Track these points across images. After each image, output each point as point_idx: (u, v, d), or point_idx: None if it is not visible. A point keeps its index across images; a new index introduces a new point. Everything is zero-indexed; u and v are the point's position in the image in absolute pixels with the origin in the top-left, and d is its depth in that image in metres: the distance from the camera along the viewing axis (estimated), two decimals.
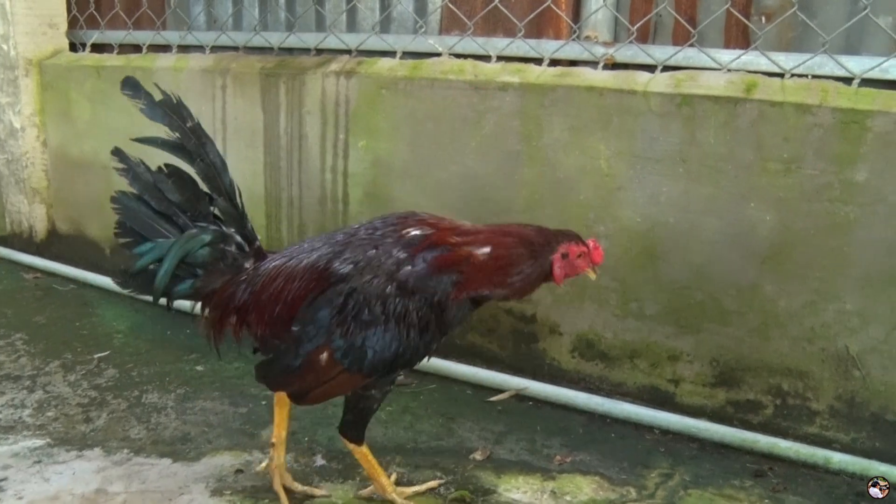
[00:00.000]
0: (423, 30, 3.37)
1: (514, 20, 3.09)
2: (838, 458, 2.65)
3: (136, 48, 4.25)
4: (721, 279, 2.78)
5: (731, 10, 2.79)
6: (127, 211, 2.30)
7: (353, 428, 2.30)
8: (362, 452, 2.32)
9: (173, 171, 2.28)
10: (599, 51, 3.01)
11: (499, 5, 3.11)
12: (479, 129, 3.09)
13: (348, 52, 3.54)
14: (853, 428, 2.71)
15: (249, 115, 3.67)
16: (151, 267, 2.27)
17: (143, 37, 4.17)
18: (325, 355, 2.12)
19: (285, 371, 2.19)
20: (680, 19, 2.89)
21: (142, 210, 2.28)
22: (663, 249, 2.84)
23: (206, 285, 2.30)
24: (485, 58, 3.22)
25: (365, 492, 2.43)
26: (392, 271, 2.10)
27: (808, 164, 2.60)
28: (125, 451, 2.64)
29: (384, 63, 3.37)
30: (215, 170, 2.29)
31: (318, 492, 2.44)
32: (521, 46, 3.13)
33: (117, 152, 2.32)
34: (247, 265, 2.31)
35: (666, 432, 2.84)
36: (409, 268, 2.10)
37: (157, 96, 2.28)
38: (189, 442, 2.71)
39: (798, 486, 2.57)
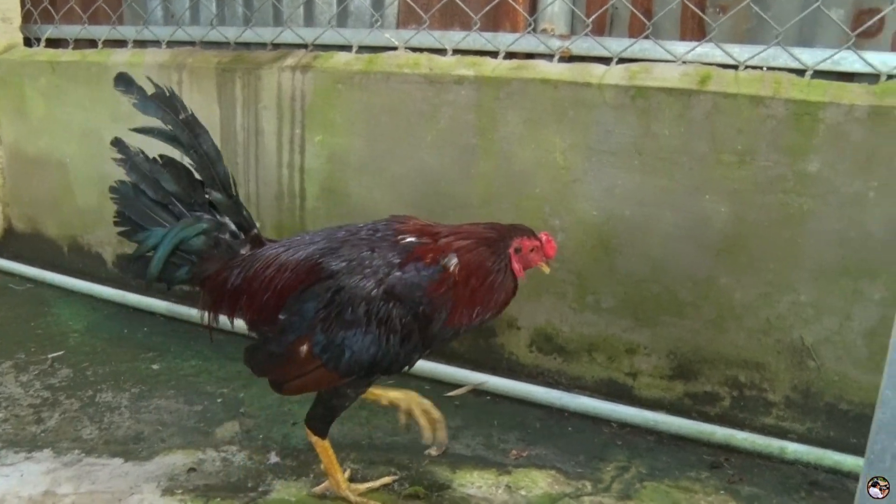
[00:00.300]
0: (378, 24, 3.34)
1: (470, 13, 3.07)
2: (793, 448, 2.66)
3: (92, 43, 4.18)
4: (677, 271, 2.78)
5: (687, 2, 2.80)
6: (125, 200, 2.36)
7: (321, 421, 2.30)
8: (324, 446, 2.32)
9: (168, 161, 2.34)
10: (555, 44, 3.00)
11: None
12: (434, 123, 3.07)
13: (305, 46, 3.51)
14: (808, 418, 2.72)
15: (206, 111, 3.62)
16: (149, 254, 2.33)
17: (99, 31, 4.11)
18: (304, 347, 2.14)
19: (268, 358, 2.23)
20: (635, 12, 2.88)
21: (139, 199, 2.35)
22: (619, 242, 2.83)
23: (203, 271, 2.35)
24: (441, 51, 3.20)
25: (318, 488, 2.41)
26: (382, 276, 2.10)
27: (761, 155, 2.60)
28: (76, 451, 2.60)
29: (340, 57, 3.34)
30: (209, 160, 2.33)
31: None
32: (476, 39, 3.11)
33: (117, 142, 2.37)
34: (243, 251, 2.35)
35: (623, 425, 2.84)
36: (399, 274, 2.10)
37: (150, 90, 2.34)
38: (142, 441, 2.67)
39: (753, 476, 2.58)
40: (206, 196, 2.35)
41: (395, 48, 3.29)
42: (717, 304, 2.75)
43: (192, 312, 3.71)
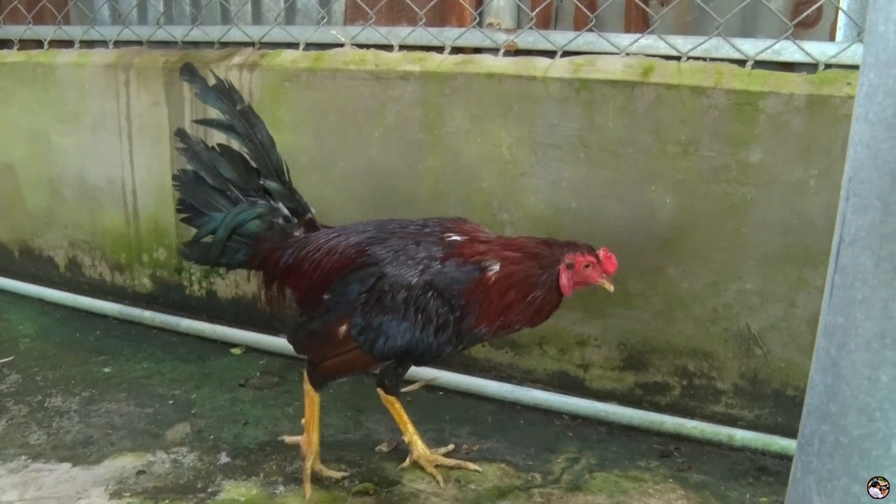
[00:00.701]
0: (325, 21, 3.32)
1: (416, 9, 3.06)
2: (741, 435, 2.69)
3: (38, 43, 4.12)
4: (625, 263, 2.76)
5: None
6: (186, 187, 2.49)
7: (387, 379, 2.43)
8: (389, 401, 2.47)
9: (225, 150, 2.47)
10: (501, 37, 3.00)
11: None
12: (382, 119, 3.06)
13: (252, 44, 3.48)
14: (757, 405, 2.75)
15: (154, 111, 3.59)
16: (207, 239, 2.47)
17: (45, 32, 4.05)
18: (343, 328, 2.24)
19: (309, 335, 2.35)
20: (579, 5, 2.89)
21: (199, 186, 2.47)
22: (567, 234, 2.82)
23: (258, 253, 2.46)
24: (388, 47, 3.19)
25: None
26: (423, 267, 2.18)
27: (704, 145, 2.62)
28: (23, 457, 2.57)
29: (287, 55, 3.32)
30: (263, 148, 2.46)
31: (471, 466, 2.51)
32: (423, 35, 3.10)
33: (180, 132, 2.49)
34: (296, 234, 2.46)
35: (575, 417, 2.86)
36: (439, 267, 2.17)
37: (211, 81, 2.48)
38: (91, 445, 2.65)
39: (703, 464, 2.60)
40: (261, 182, 2.46)
41: (341, 45, 3.27)
42: (665, 295, 2.77)
43: (144, 315, 3.68)
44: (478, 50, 3.08)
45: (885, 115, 1.26)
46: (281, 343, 3.38)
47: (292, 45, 3.41)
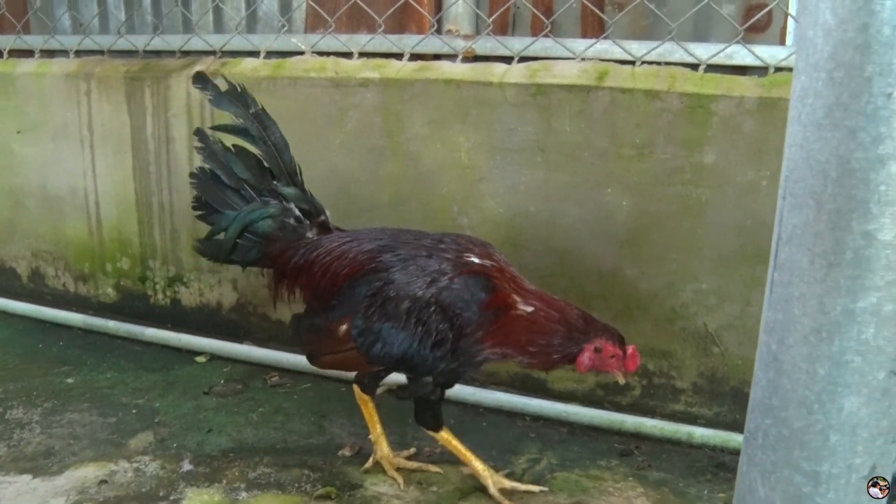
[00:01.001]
0: (285, 28, 3.34)
1: (375, 16, 3.08)
2: (700, 433, 2.73)
3: None
4: (583, 265, 2.83)
5: (585, 1, 2.85)
6: (202, 185, 2.56)
7: (427, 415, 2.42)
8: (445, 439, 2.42)
9: (241, 150, 2.53)
10: (460, 44, 3.03)
11: (359, 2, 3.10)
12: (342, 126, 3.08)
13: (213, 53, 3.49)
14: (715, 403, 2.79)
15: (116, 120, 3.59)
16: (220, 236, 2.53)
17: (3, 41, 4.03)
18: (344, 327, 2.28)
19: (310, 329, 2.40)
20: (536, 11, 2.93)
21: (215, 184, 2.54)
22: (526, 238, 2.88)
23: (270, 252, 2.50)
24: (348, 55, 3.21)
25: (466, 469, 2.47)
26: (432, 280, 2.19)
27: (659, 148, 2.66)
28: None
29: (248, 63, 3.34)
30: (276, 150, 2.52)
31: (431, 468, 2.54)
32: (382, 42, 3.13)
33: (199, 132, 2.57)
34: (309, 235, 2.50)
35: (537, 418, 2.89)
36: (448, 282, 2.18)
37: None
38: (52, 456, 2.63)
39: (662, 462, 2.64)
40: (274, 183, 2.52)
41: (302, 53, 3.29)
42: (624, 296, 2.81)
43: (108, 325, 3.67)
44: (437, 56, 3.11)
45: (816, 117, 1.30)
46: (245, 350, 3.39)
47: (253, 54, 3.43)
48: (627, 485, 2.50)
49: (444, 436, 2.41)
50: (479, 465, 2.41)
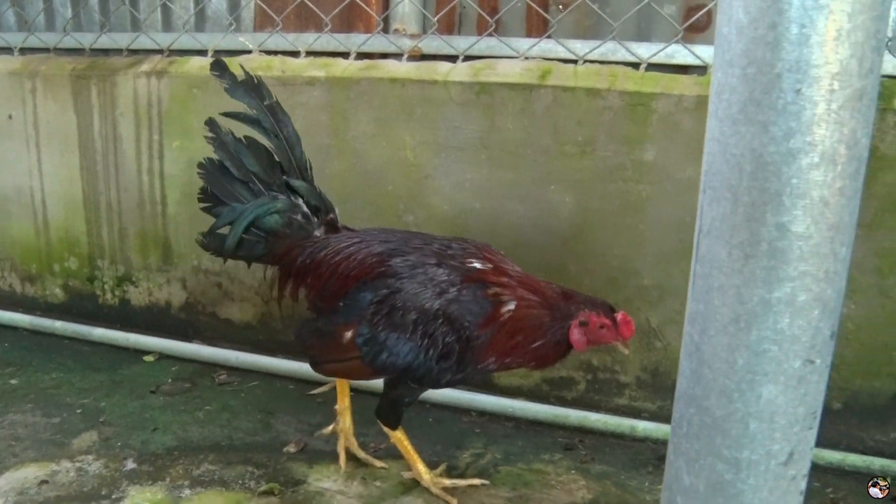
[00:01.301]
0: (233, 27, 3.34)
1: (321, 15, 3.09)
2: (643, 426, 2.77)
3: None
4: (528, 261, 2.83)
5: (530, 0, 2.88)
6: (210, 176, 2.49)
7: (389, 413, 2.39)
8: (398, 438, 2.41)
9: (252, 142, 2.46)
10: (406, 43, 3.05)
11: (307, 1, 3.11)
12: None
13: (161, 51, 3.48)
14: (658, 396, 2.84)
15: (62, 119, 3.56)
16: (225, 229, 2.47)
17: None
18: (349, 334, 2.23)
19: (314, 333, 2.35)
20: (481, 11, 2.96)
21: (223, 176, 2.47)
22: (471, 235, 2.87)
23: (276, 249, 2.45)
24: (296, 54, 3.22)
25: (407, 474, 2.49)
26: (440, 291, 2.15)
27: (601, 146, 2.70)
28: None
29: (195, 62, 3.33)
30: (288, 144, 2.47)
31: (377, 463, 2.56)
32: (329, 41, 3.14)
33: (210, 122, 2.48)
34: (316, 233, 2.45)
35: (483, 413, 2.91)
36: (456, 294, 2.15)
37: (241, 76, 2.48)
38: None
39: (605, 455, 2.68)
40: (284, 177, 2.46)
41: (250, 52, 3.29)
42: None
43: (56, 325, 3.64)
44: (385, 55, 3.13)
45: (731, 112, 1.34)
46: (194, 349, 3.38)
47: (202, 53, 3.42)
48: (570, 478, 2.53)
49: (399, 435, 2.41)
50: (422, 468, 2.42)
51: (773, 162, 1.30)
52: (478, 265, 2.21)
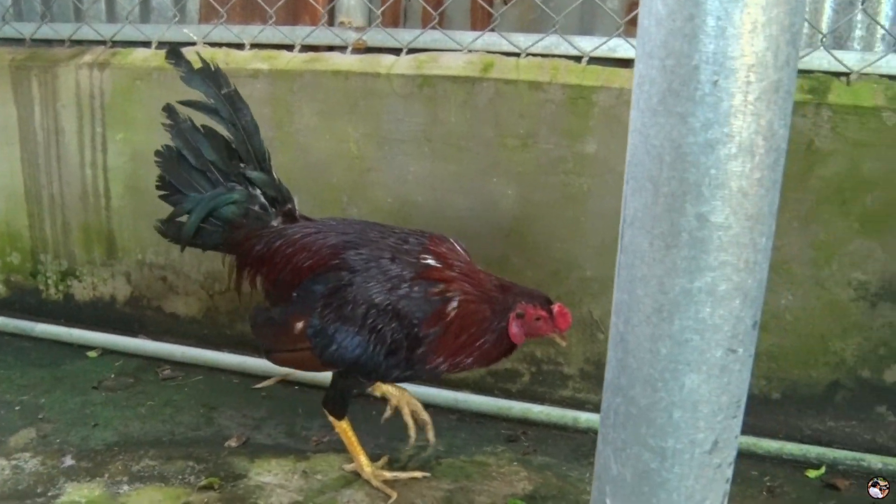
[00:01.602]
0: (177, 19, 3.30)
1: (266, 7, 3.07)
2: (585, 418, 2.79)
3: None
4: (472, 254, 2.85)
5: None
6: (167, 164, 2.46)
7: (335, 403, 2.38)
8: (342, 428, 2.40)
9: (210, 132, 2.44)
10: (351, 36, 3.04)
11: None
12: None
13: (104, 43, 3.43)
14: (601, 388, 2.84)
15: (2, 111, 3.50)
16: (183, 218, 2.45)
17: None
18: (300, 325, 2.22)
19: (267, 322, 2.34)
20: (424, 3, 2.96)
21: (181, 164, 2.44)
22: (415, 227, 2.89)
23: (233, 238, 2.43)
24: (241, 46, 3.19)
25: (348, 467, 2.48)
26: (391, 286, 2.15)
27: (542, 138, 2.71)
28: None
29: (138, 53, 3.29)
30: (246, 134, 2.43)
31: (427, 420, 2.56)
32: (275, 33, 3.12)
33: (168, 108, 2.43)
34: (274, 223, 2.44)
35: (427, 406, 2.89)
36: (407, 290, 2.14)
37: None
38: None
39: (548, 446, 2.70)
40: (242, 167, 2.44)
41: (194, 43, 3.26)
42: None
43: None
44: (330, 48, 3.12)
45: (651, 103, 1.35)
46: (138, 344, 3.35)
47: (146, 44, 3.38)
48: (511, 469, 2.54)
49: (344, 426, 2.40)
50: (364, 460, 2.42)
51: (691, 153, 1.32)
52: (431, 261, 2.21)
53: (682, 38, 1.28)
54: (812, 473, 2.59)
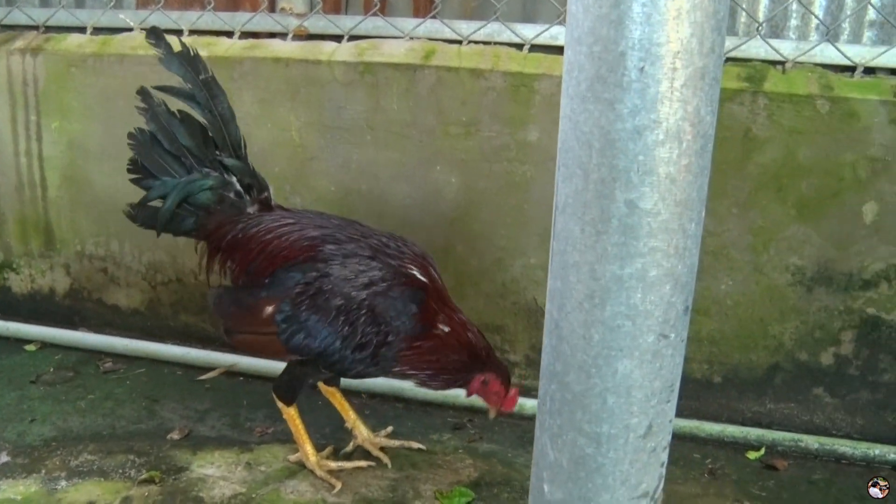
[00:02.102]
0: (112, 4, 3.24)
1: None
2: (531, 404, 2.80)
3: None
4: (417, 243, 2.85)
5: None
6: (141, 147, 2.40)
7: (286, 388, 2.37)
8: (290, 415, 2.39)
9: (186, 117, 2.39)
10: (292, 22, 3.00)
11: None
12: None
13: (37, 27, 3.35)
14: None
15: None
16: (156, 203, 2.40)
17: None
18: (270, 309, 2.21)
19: (234, 303, 2.32)
20: None
21: (154, 148, 2.39)
22: (359, 216, 2.84)
23: (207, 225, 2.39)
24: (180, 32, 3.14)
25: (293, 457, 2.47)
26: (370, 283, 2.16)
27: (485, 126, 2.71)
28: None
29: (73, 39, 3.22)
30: (223, 121, 2.40)
31: (414, 444, 2.58)
32: (214, 20, 3.08)
33: (142, 91, 2.39)
34: (249, 210, 2.41)
35: (374, 395, 2.91)
36: (384, 288, 2.16)
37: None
38: None
39: (494, 434, 2.71)
40: (217, 154, 2.40)
41: (131, 29, 3.20)
42: (456, 272, 2.85)
43: None
44: (272, 35, 3.08)
45: (580, 90, 1.35)
46: (78, 336, 3.29)
47: (80, 30, 3.31)
48: (457, 457, 2.55)
49: (292, 413, 2.39)
50: (309, 449, 2.41)
51: (620, 139, 1.32)
52: (417, 274, 2.24)
53: (609, 24, 1.28)
54: (752, 455, 2.63)
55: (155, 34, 2.40)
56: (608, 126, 1.31)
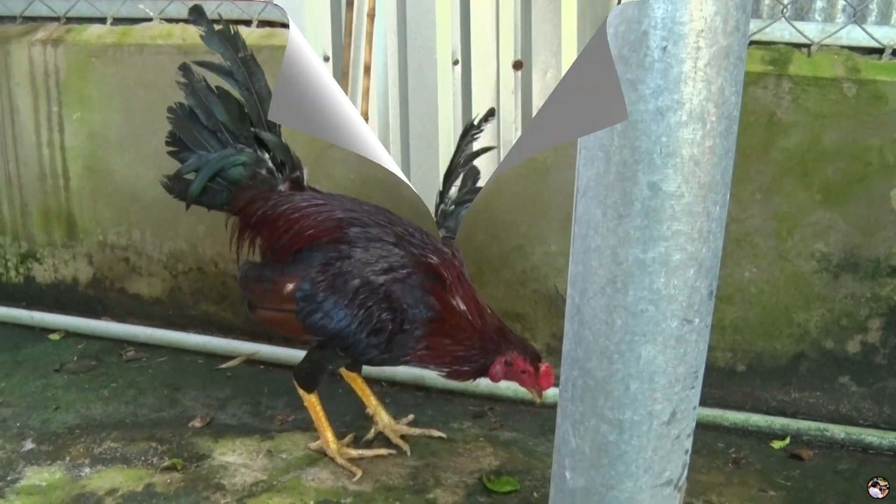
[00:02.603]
0: None
1: None
2: (552, 392, 2.75)
3: None
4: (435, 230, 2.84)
5: None
6: (179, 122, 2.44)
7: (307, 374, 2.38)
8: (311, 402, 2.40)
9: (224, 93, 2.42)
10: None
11: None
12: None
13: (57, 19, 3.36)
14: None
15: None
16: (190, 175, 2.44)
17: None
18: (290, 286, 2.23)
19: (258, 277, 2.34)
20: None
21: (192, 123, 2.43)
22: (377, 204, 2.87)
23: (238, 200, 2.42)
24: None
25: (313, 445, 2.48)
26: (390, 268, 2.17)
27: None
28: None
29: (93, 30, 3.23)
30: (259, 98, 2.41)
31: (434, 433, 2.59)
32: (232, 9, 3.06)
33: (184, 67, 2.42)
34: (281, 188, 2.43)
35: (394, 384, 2.91)
36: (404, 275, 2.16)
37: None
38: None
39: (515, 422, 2.69)
40: (253, 131, 2.42)
41: (150, 19, 3.20)
42: (476, 260, 2.83)
43: None
44: (284, 25, 3.06)
45: None
46: (101, 326, 3.31)
47: (100, 20, 3.31)
48: (477, 445, 2.54)
49: (313, 400, 2.39)
50: (330, 437, 2.41)
51: (642, 120, 1.30)
52: (438, 265, 2.21)
53: (632, 3, 1.26)
54: (777, 444, 2.60)
55: (197, 11, 2.40)
56: (630, 107, 1.29)
